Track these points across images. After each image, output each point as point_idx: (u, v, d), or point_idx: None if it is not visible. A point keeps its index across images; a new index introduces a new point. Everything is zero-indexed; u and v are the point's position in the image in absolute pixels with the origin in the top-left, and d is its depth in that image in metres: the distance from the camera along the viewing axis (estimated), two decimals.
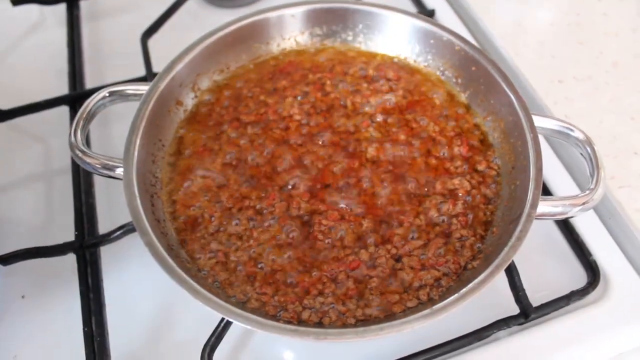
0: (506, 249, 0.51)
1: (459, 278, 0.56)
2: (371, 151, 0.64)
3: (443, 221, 0.60)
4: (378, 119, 0.67)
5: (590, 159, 0.57)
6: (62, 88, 0.83)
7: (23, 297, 0.65)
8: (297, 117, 0.68)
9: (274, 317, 0.54)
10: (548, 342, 0.59)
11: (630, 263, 0.65)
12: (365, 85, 0.71)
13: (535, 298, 0.60)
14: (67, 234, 0.67)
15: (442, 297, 0.53)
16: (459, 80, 0.70)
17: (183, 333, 0.62)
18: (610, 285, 0.63)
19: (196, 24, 0.93)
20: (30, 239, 0.69)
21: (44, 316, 0.64)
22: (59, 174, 0.76)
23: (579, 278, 0.64)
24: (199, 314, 0.60)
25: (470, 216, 0.60)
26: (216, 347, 0.56)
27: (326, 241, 0.58)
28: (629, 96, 0.78)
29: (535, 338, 0.59)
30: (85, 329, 0.60)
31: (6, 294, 0.65)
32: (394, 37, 0.72)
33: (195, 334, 0.59)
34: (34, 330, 0.63)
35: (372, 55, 0.74)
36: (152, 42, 0.84)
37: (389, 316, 0.54)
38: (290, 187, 0.62)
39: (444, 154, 0.64)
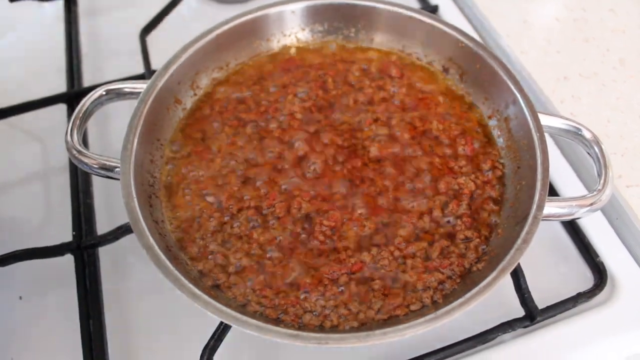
0: (512, 251, 0.50)
1: (463, 281, 0.55)
2: (374, 150, 0.63)
3: (447, 222, 0.59)
4: (381, 117, 0.66)
5: (598, 159, 0.56)
6: (60, 84, 0.82)
7: (20, 298, 0.65)
8: (298, 116, 0.67)
9: (275, 321, 0.53)
10: (554, 345, 0.58)
11: (637, 264, 0.64)
12: (367, 82, 0.69)
13: (541, 300, 0.59)
14: (65, 233, 0.66)
15: (446, 301, 0.52)
16: (463, 78, 0.68)
17: (182, 335, 0.61)
18: (617, 287, 0.62)
19: (196, 20, 0.92)
20: (27, 239, 0.68)
21: (41, 318, 0.63)
22: (57, 172, 0.75)
23: (586, 280, 0.63)
24: (198, 316, 0.59)
25: (475, 217, 0.59)
26: (216, 349, 0.55)
27: (327, 242, 0.57)
28: (636, 94, 0.77)
29: (541, 341, 0.58)
30: (83, 331, 0.59)
31: (3, 294, 0.65)
32: (397, 34, 0.71)
33: (195, 335, 0.58)
34: (31, 331, 0.62)
35: (374, 52, 0.72)
36: (151, 38, 0.83)
37: (391, 319, 0.53)
38: (291, 186, 0.61)
39: (448, 153, 0.63)
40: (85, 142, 0.74)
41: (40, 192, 0.74)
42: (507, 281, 0.59)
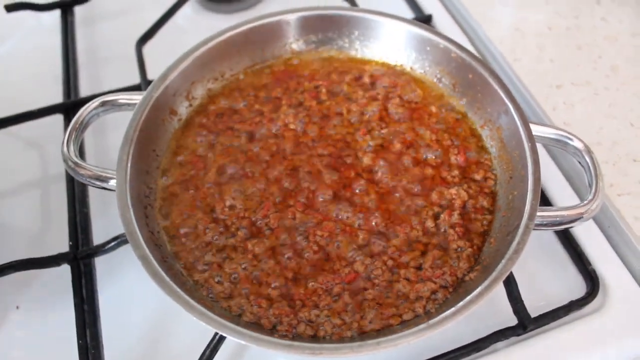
0: (504, 261, 0.51)
1: (456, 290, 0.55)
2: (367, 160, 0.64)
3: (440, 232, 0.59)
4: (374, 128, 0.67)
5: (589, 169, 0.57)
6: (57, 94, 0.83)
7: (17, 307, 0.65)
8: (292, 126, 0.67)
9: (269, 331, 0.53)
10: (547, 353, 0.58)
11: (629, 272, 0.64)
12: (361, 93, 0.70)
13: (534, 308, 0.59)
14: (62, 242, 0.67)
15: (439, 310, 0.52)
16: (456, 88, 0.69)
17: (178, 345, 0.61)
18: (610, 295, 0.62)
19: (192, 30, 0.92)
20: (25, 248, 0.68)
21: (38, 327, 0.63)
22: (54, 181, 0.75)
23: (578, 288, 0.63)
24: (194, 326, 0.59)
25: (467, 227, 0.59)
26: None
27: (321, 253, 0.58)
28: (629, 102, 0.77)
29: (533, 349, 0.58)
30: (80, 341, 0.59)
31: (0, 304, 0.65)
32: (390, 44, 0.72)
33: (190, 346, 0.58)
34: (28, 341, 0.63)
35: (368, 63, 0.73)
36: (147, 48, 0.83)
37: (385, 329, 0.53)
38: (285, 197, 0.61)
39: (440, 163, 0.64)
40: (82, 152, 0.74)
41: (37, 201, 0.74)
42: (499, 290, 0.59)
